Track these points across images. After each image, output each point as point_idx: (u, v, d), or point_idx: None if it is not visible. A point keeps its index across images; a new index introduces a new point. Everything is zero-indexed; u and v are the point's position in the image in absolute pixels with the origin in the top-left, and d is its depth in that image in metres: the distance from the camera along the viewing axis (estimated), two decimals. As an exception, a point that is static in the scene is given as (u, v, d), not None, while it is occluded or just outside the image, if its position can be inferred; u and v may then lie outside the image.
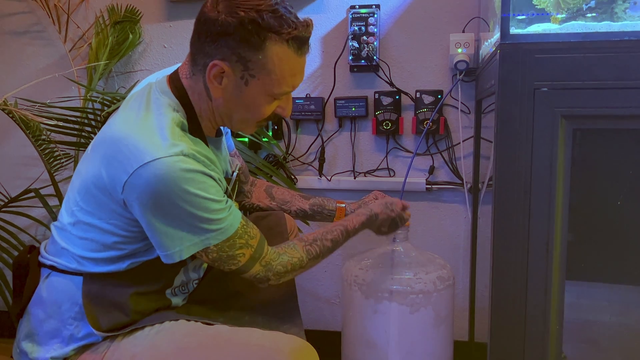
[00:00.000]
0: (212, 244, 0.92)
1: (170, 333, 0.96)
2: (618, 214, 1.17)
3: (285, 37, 0.90)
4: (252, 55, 0.90)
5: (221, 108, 0.97)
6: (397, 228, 1.27)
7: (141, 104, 0.94)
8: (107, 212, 0.93)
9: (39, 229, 1.98)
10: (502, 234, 1.07)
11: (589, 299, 1.27)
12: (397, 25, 1.70)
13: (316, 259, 1.06)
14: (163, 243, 0.91)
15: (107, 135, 0.93)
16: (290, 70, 0.94)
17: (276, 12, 0.89)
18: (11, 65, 1.96)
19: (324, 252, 1.07)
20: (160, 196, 0.86)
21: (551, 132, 1.02)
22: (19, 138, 1.93)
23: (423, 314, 1.34)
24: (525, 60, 1.02)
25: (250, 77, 0.92)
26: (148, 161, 0.85)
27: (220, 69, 0.91)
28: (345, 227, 1.13)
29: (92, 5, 1.86)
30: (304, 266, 1.04)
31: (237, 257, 0.95)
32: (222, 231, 0.92)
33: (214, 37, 0.89)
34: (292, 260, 1.02)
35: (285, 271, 1.01)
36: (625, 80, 0.99)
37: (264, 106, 0.96)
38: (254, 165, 1.64)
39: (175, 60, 1.84)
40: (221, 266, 0.96)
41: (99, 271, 0.96)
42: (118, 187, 0.88)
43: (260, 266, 0.98)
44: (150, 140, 0.87)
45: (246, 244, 0.96)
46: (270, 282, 1.01)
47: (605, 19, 1.08)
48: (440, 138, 1.71)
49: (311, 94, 1.77)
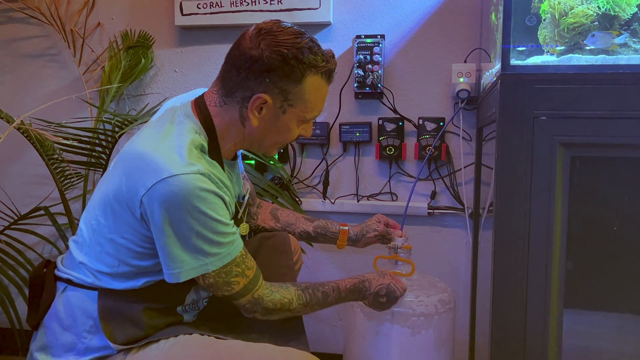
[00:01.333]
0: (210, 270, 0.96)
1: (185, 346, 0.98)
2: (617, 242, 1.19)
3: (321, 70, 0.98)
4: (292, 87, 0.98)
5: (255, 135, 1.03)
6: (396, 300, 1.23)
7: (164, 124, 1.00)
8: (124, 226, 0.96)
9: (46, 246, 2.01)
10: (502, 260, 1.09)
11: (588, 326, 1.28)
12: (401, 54, 1.75)
13: (305, 307, 1.09)
14: (166, 262, 0.96)
15: (130, 151, 0.98)
16: (321, 98, 1.03)
17: (312, 48, 0.97)
18: (27, 87, 2.01)
19: (314, 301, 1.10)
20: (173, 211, 0.90)
21: (550, 160, 1.06)
22: (30, 157, 1.97)
23: (424, 336, 1.35)
24: (525, 90, 1.06)
25: (288, 107, 1.00)
26: (166, 177, 0.89)
27: (262, 100, 0.97)
28: (337, 285, 1.16)
29: (106, 30, 1.93)
30: (292, 309, 1.07)
31: (232, 284, 0.99)
32: (221, 257, 0.96)
33: (257, 73, 0.96)
34: (283, 300, 1.06)
35: (273, 309, 1.05)
36: (620, 111, 1.03)
37: (294, 130, 1.04)
38: (260, 186, 1.68)
39: (185, 84, 1.90)
40: (215, 292, 1.00)
41: (114, 287, 0.99)
42: (136, 201, 0.92)
43: (251, 297, 1.02)
44: (170, 158, 0.92)
45: (242, 273, 1.00)
46: (256, 315, 1.05)
47: (600, 53, 1.13)
48: (442, 164, 1.75)
49: (317, 119, 1.81)
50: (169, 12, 1.87)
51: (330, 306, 1.15)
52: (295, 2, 1.74)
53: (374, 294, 1.19)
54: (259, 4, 1.77)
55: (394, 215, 1.49)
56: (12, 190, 2.01)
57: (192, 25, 1.84)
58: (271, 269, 1.22)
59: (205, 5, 1.80)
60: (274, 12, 1.76)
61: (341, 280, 1.17)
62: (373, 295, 1.19)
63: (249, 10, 1.77)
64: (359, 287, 1.18)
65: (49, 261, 1.09)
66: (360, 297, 1.20)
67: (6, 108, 1.62)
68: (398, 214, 1.70)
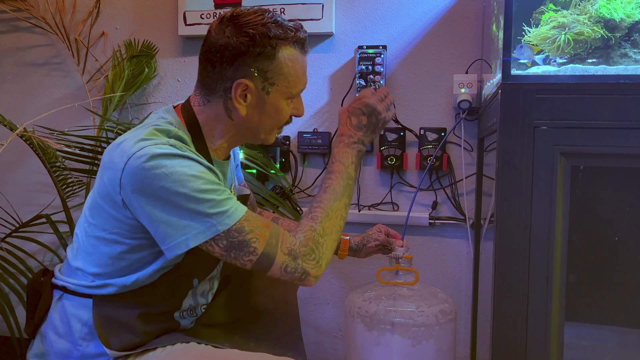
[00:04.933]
0: (220, 230, 0.89)
1: (182, 355, 0.97)
2: (618, 253, 1.19)
3: (290, 40, 0.98)
4: (268, 65, 0.97)
5: (245, 124, 1.02)
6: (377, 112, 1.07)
7: (142, 124, 1.01)
8: (111, 221, 0.95)
9: (47, 255, 2.01)
10: (503, 271, 1.09)
11: (589, 339, 1.27)
12: (403, 65, 1.76)
13: (327, 218, 0.99)
14: (167, 233, 0.89)
15: (108, 149, 0.98)
16: (301, 69, 1.01)
17: (277, 22, 0.97)
18: (31, 95, 2.03)
19: (328, 205, 1.00)
20: (152, 181, 0.88)
21: (551, 169, 1.06)
22: (32, 164, 1.98)
23: (425, 347, 1.34)
24: (526, 100, 1.06)
25: (270, 86, 0.98)
26: (133, 152, 0.89)
27: (244, 86, 0.97)
28: (329, 175, 1.04)
29: (110, 39, 1.95)
30: (320, 233, 0.96)
31: (251, 242, 0.91)
32: (228, 214, 0.90)
33: (230, 60, 0.95)
34: (307, 234, 0.96)
35: (309, 250, 0.95)
36: (621, 121, 1.03)
37: (284, 109, 1.02)
38: (261, 195, 1.68)
39: (188, 93, 1.87)
40: (238, 258, 0.91)
41: (109, 292, 0.98)
42: (116, 187, 0.91)
43: (284, 255, 0.93)
44: (137, 138, 0.92)
45: (257, 227, 0.92)
46: (307, 270, 0.94)
47: (601, 64, 1.13)
48: (444, 174, 1.75)
49: (319, 128, 1.82)
50: (172, 22, 1.89)
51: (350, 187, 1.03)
52: (297, 13, 1.76)
53: (354, 123, 1.07)
54: (261, 15, 1.78)
55: (395, 225, 1.49)
56: (14, 197, 2.02)
57: (195, 35, 1.85)
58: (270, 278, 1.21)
59: (209, 15, 1.82)
60: (277, 22, 1.77)
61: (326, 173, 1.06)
62: (354, 124, 1.07)
63: (252, 21, 1.79)
64: (338, 142, 1.07)
65: (46, 270, 1.09)
66: (348, 140, 1.06)
67: (10, 116, 1.64)
68: (399, 224, 1.69)
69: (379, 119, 1.08)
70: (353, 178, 1.05)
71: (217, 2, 1.81)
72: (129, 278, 0.98)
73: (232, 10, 0.98)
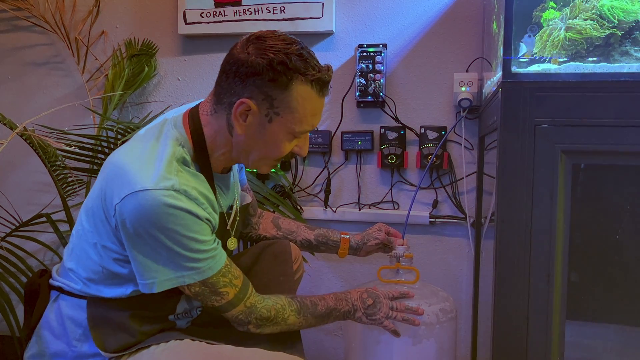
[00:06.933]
0: (186, 282, 0.94)
1: (176, 352, 0.97)
2: (619, 252, 1.19)
3: (309, 78, 0.94)
4: (278, 94, 0.94)
5: (241, 145, 0.99)
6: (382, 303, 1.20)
7: (152, 135, 0.98)
8: (105, 234, 0.96)
9: (47, 254, 2.00)
10: (504, 270, 1.09)
11: (590, 338, 1.27)
12: (403, 63, 1.76)
13: (299, 314, 1.08)
14: (139, 271, 0.93)
15: (112, 160, 0.97)
16: (312, 110, 0.97)
17: (302, 55, 0.94)
18: (31, 94, 2.03)
19: (304, 309, 1.09)
20: (141, 226, 0.89)
21: (551, 167, 1.06)
22: (32, 164, 1.98)
23: (425, 345, 1.34)
24: (526, 98, 1.06)
25: (274, 115, 0.95)
26: (137, 190, 0.88)
27: (247, 106, 0.94)
28: (322, 296, 1.15)
29: (110, 38, 1.94)
30: (286, 318, 1.05)
31: (222, 294, 0.98)
32: (200, 272, 0.94)
33: (242, 77, 0.93)
34: (276, 305, 1.04)
35: (268, 316, 1.03)
36: (622, 118, 1.03)
37: (283, 143, 0.99)
38: (262, 194, 1.68)
39: (188, 92, 1.91)
40: (204, 302, 0.99)
41: (103, 296, 0.99)
42: (111, 210, 0.92)
43: (244, 307, 1.01)
44: (145, 171, 0.90)
45: (230, 283, 0.99)
46: (250, 326, 1.03)
47: (602, 62, 1.13)
48: (444, 173, 1.75)
49: (319, 127, 1.82)
50: (172, 21, 1.89)
51: (325, 320, 1.13)
52: (298, 12, 1.75)
53: (360, 300, 1.18)
54: (261, 13, 1.78)
55: (395, 224, 1.49)
56: (14, 197, 2.02)
57: (195, 34, 1.85)
58: (270, 276, 1.22)
59: (209, 14, 1.82)
60: (277, 21, 1.77)
61: (336, 299, 1.17)
62: (360, 302, 1.17)
63: (252, 20, 1.79)
64: (340, 296, 1.17)
65: (44, 270, 1.09)
66: (347, 305, 1.16)
67: (10, 115, 1.63)
68: (399, 223, 1.69)
69: (375, 319, 1.19)
70: (342, 318, 1.16)
71: (217, 1, 1.81)
72: (126, 289, 0.99)
73: (265, 31, 0.97)
